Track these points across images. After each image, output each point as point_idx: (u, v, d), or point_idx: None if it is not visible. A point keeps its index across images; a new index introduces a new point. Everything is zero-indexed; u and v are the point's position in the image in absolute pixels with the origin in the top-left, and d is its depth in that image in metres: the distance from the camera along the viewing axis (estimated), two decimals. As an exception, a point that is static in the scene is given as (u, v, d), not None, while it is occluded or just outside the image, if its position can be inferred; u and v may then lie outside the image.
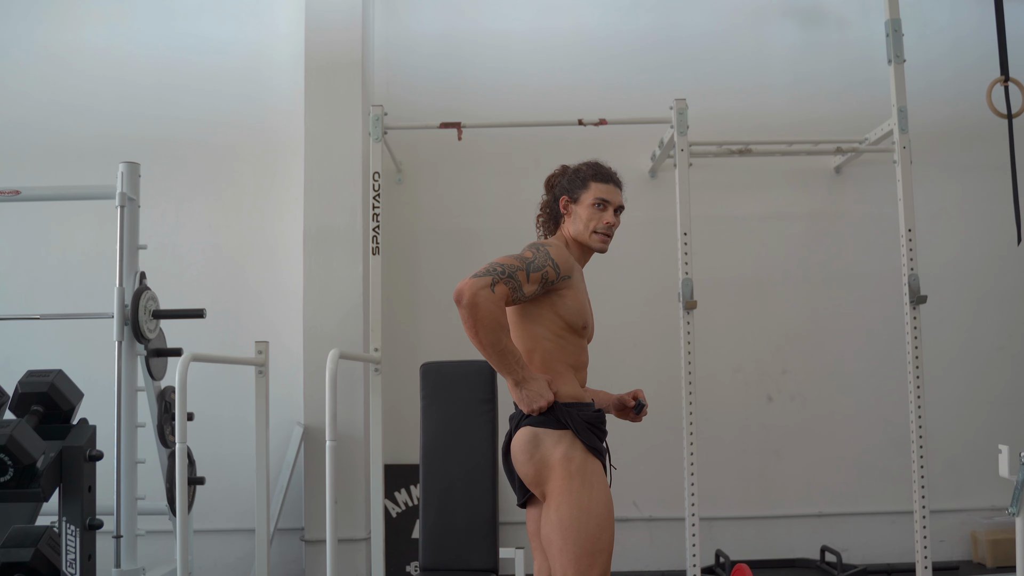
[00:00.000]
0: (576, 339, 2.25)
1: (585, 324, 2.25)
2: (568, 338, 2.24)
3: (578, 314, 2.23)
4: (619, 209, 2.34)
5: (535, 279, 2.15)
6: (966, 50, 4.64)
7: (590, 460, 2.15)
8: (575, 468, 2.13)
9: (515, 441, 2.21)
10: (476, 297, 2.05)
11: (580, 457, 2.14)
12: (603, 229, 2.30)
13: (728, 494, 4.44)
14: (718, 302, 4.37)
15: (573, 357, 2.25)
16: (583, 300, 2.26)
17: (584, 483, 2.12)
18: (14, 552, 2.75)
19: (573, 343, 2.25)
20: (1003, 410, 4.51)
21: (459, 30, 4.68)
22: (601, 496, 2.13)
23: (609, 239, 2.32)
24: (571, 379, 2.23)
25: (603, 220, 2.29)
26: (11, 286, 4.46)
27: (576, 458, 2.14)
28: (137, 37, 4.62)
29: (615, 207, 2.33)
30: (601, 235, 2.30)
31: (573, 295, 2.23)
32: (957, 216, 4.61)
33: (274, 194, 4.56)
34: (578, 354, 2.26)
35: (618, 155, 4.54)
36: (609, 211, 2.31)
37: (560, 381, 2.21)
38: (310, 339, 4.21)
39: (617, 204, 2.33)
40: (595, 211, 2.30)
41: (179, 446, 2.92)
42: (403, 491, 4.34)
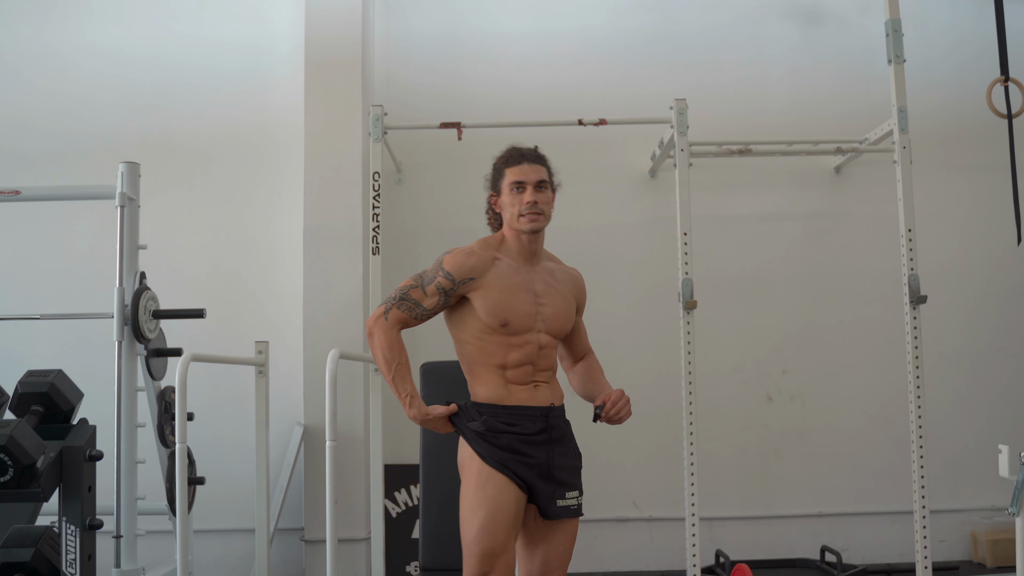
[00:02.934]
0: (499, 338, 2.25)
1: (505, 321, 2.24)
2: (489, 338, 2.26)
3: (492, 313, 2.24)
4: (541, 184, 2.31)
5: (431, 292, 2.27)
6: (966, 50, 4.64)
7: (482, 466, 2.22)
8: (466, 472, 2.25)
9: None
10: (371, 327, 2.27)
11: (471, 463, 2.24)
12: (526, 210, 2.28)
13: (728, 494, 4.44)
14: (718, 302, 4.37)
15: (498, 357, 2.26)
16: (500, 297, 2.25)
17: (469, 489, 2.22)
18: (14, 552, 2.75)
19: (496, 342, 2.26)
20: (1003, 410, 4.51)
21: (459, 30, 4.68)
22: (485, 502, 2.19)
23: (539, 216, 2.29)
24: (490, 380, 2.27)
25: (523, 201, 2.28)
26: (11, 286, 4.46)
27: (466, 463, 2.26)
28: (137, 37, 4.62)
29: (534, 184, 2.30)
30: (527, 216, 2.28)
31: (484, 294, 2.25)
32: (957, 216, 4.61)
33: (274, 194, 4.56)
34: (504, 353, 2.26)
35: (618, 155, 4.60)
36: (528, 190, 2.29)
37: (477, 383, 2.29)
38: (310, 339, 4.21)
39: (535, 181, 2.30)
40: (515, 196, 2.30)
41: (179, 446, 2.92)
42: (403, 491, 4.34)
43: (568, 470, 2.32)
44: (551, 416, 2.30)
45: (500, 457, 2.22)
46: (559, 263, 2.47)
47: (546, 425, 2.28)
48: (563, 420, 2.37)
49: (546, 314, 2.30)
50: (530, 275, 2.32)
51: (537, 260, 2.36)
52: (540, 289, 2.31)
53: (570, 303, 2.38)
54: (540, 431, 2.27)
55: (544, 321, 2.30)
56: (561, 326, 2.33)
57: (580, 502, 2.34)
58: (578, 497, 2.33)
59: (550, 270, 2.39)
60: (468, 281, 2.26)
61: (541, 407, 2.29)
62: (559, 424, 2.34)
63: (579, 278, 2.48)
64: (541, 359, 2.30)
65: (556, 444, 2.30)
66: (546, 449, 2.28)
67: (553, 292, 2.34)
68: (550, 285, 2.34)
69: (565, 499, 2.29)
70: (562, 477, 2.29)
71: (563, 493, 2.28)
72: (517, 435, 2.25)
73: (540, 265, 2.37)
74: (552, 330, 2.31)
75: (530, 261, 2.34)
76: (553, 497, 2.27)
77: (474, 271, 2.27)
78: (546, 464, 2.26)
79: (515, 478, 2.21)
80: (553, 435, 2.30)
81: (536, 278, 2.33)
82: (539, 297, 2.30)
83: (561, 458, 2.30)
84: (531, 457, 2.25)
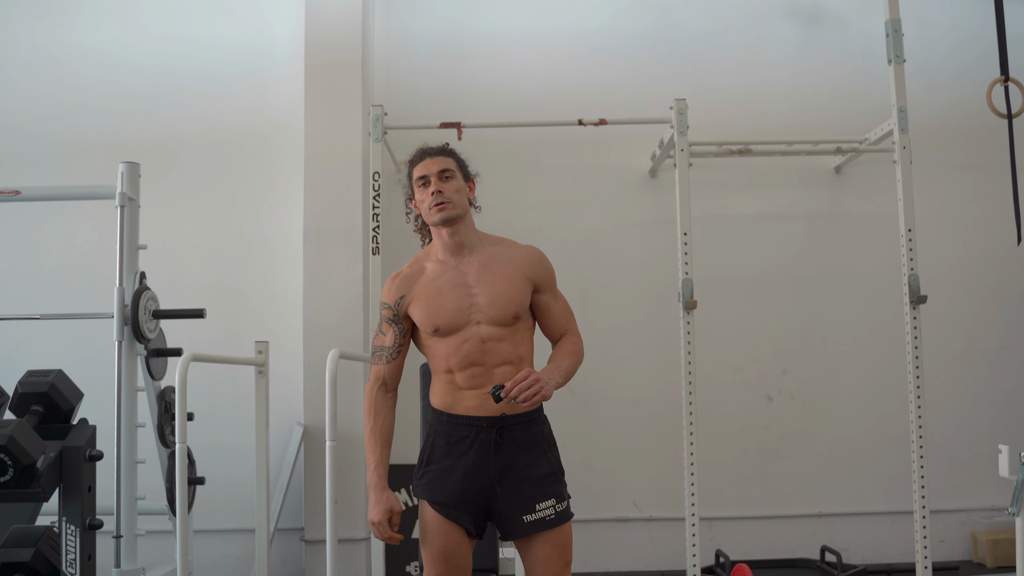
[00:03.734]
0: (439, 341, 2.23)
1: (435, 326, 2.21)
2: (432, 344, 2.26)
3: (424, 320, 2.24)
4: (444, 173, 2.27)
5: (385, 329, 2.31)
6: (966, 50, 4.64)
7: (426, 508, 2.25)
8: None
9: None
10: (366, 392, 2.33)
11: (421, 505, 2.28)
12: (432, 201, 2.24)
13: (728, 494, 4.44)
14: (718, 302, 4.37)
15: (443, 360, 2.23)
16: (428, 302, 2.24)
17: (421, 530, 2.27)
18: (14, 552, 2.75)
19: (438, 346, 2.24)
20: (1003, 410, 4.51)
21: (459, 30, 4.68)
22: (431, 532, 2.22)
23: (446, 203, 2.23)
24: (439, 386, 2.27)
25: (428, 193, 2.26)
26: (11, 286, 4.46)
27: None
28: (137, 37, 4.62)
29: (436, 174, 2.26)
30: (435, 208, 2.23)
31: (416, 306, 2.25)
32: (957, 216, 4.61)
33: (274, 194, 4.56)
34: (447, 356, 2.22)
35: (618, 155, 4.60)
36: (432, 181, 2.26)
37: (432, 389, 2.31)
38: (310, 339, 4.21)
39: (436, 171, 2.27)
40: (423, 191, 2.28)
41: (179, 446, 2.92)
42: (403, 491, 4.33)
43: (535, 481, 2.21)
44: (503, 427, 2.20)
45: (441, 499, 2.22)
46: (508, 244, 2.35)
47: (492, 439, 2.19)
48: (526, 428, 2.23)
49: (481, 303, 2.21)
50: (459, 269, 2.26)
51: (467, 251, 2.28)
52: (473, 280, 2.24)
53: (516, 284, 2.26)
54: (484, 443, 2.19)
55: (480, 311, 2.21)
56: (501, 311, 2.21)
57: (558, 509, 2.22)
58: (554, 505, 2.21)
59: (489, 256, 2.29)
60: (400, 300, 2.27)
61: (490, 417, 2.19)
62: (516, 434, 2.22)
63: (534, 255, 2.34)
64: (489, 355, 2.20)
65: (513, 455, 2.21)
66: (495, 464, 2.19)
67: (489, 277, 2.24)
68: (485, 271, 2.25)
69: (536, 512, 2.19)
70: (525, 490, 2.20)
71: (532, 506, 2.19)
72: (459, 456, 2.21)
73: (475, 255, 2.29)
74: (492, 319, 2.21)
75: (459, 255, 2.28)
76: (517, 513, 2.19)
77: (401, 288, 2.28)
78: (497, 482, 2.19)
79: (464, 523, 2.20)
80: (506, 447, 2.20)
81: (468, 270, 2.26)
82: (471, 288, 2.23)
83: (526, 469, 2.21)
84: (479, 477, 2.19)
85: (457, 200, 2.25)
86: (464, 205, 2.28)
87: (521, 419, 2.22)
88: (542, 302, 2.33)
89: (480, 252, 2.29)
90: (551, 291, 2.35)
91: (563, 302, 2.38)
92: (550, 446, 2.28)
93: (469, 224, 2.30)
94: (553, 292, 2.35)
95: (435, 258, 2.31)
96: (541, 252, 2.36)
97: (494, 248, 2.32)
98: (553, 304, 2.35)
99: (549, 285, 2.34)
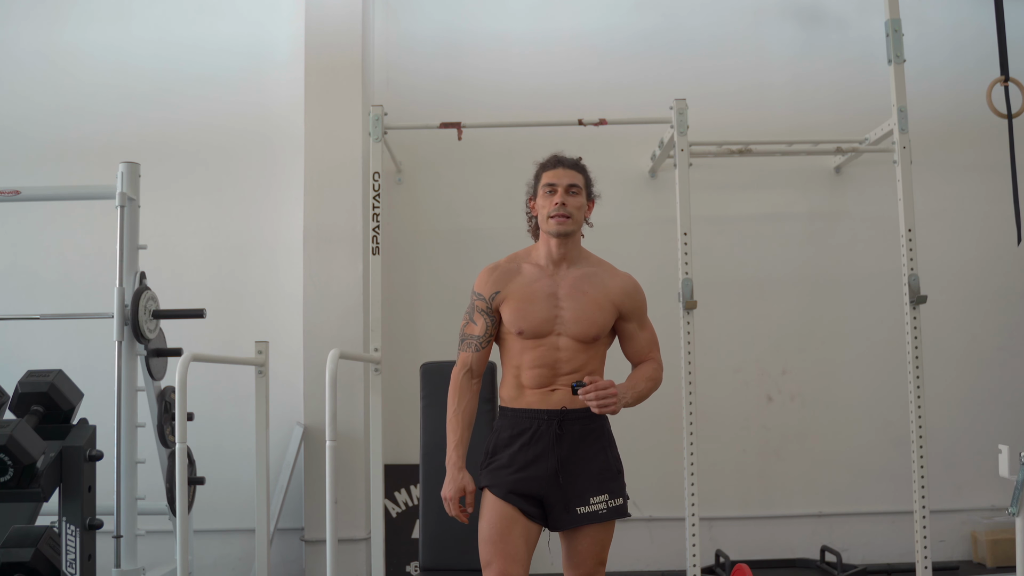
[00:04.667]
0: (518, 341, 2.34)
1: (520, 329, 2.32)
2: (511, 343, 2.36)
3: (511, 322, 2.34)
4: (572, 188, 2.36)
5: (476, 318, 2.39)
6: (966, 50, 4.64)
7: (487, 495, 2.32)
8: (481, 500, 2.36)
9: None
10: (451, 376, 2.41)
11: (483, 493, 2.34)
12: (554, 211, 2.33)
13: (728, 494, 4.44)
14: (718, 302, 4.37)
15: (515, 359, 2.35)
16: (519, 305, 2.34)
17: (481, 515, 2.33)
18: (14, 552, 2.75)
19: (514, 345, 2.35)
20: (1003, 410, 4.51)
21: (459, 30, 4.68)
22: (485, 515, 2.30)
23: (566, 219, 2.33)
24: (507, 381, 2.37)
25: (552, 203, 2.34)
26: (11, 286, 4.46)
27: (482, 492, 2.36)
28: (137, 37, 4.62)
29: (564, 187, 2.35)
30: (555, 218, 2.33)
31: (508, 304, 2.35)
32: (957, 216, 4.61)
33: (274, 194, 4.56)
34: (519, 355, 2.34)
35: (618, 155, 4.59)
36: (559, 192, 2.35)
37: (501, 385, 2.41)
38: (310, 339, 4.21)
39: (566, 184, 2.36)
40: (547, 198, 2.36)
41: (179, 446, 2.92)
42: (403, 491, 4.34)
43: (592, 474, 2.31)
44: (564, 420, 2.30)
45: (501, 482, 2.29)
46: (607, 268, 2.45)
47: (552, 430, 2.29)
48: (585, 423, 2.33)
49: (566, 318, 2.32)
50: (554, 279, 2.36)
51: (567, 265, 2.38)
52: (563, 293, 2.34)
53: (603, 308, 2.36)
54: (544, 435, 2.29)
55: (563, 325, 2.32)
56: (583, 330, 2.32)
57: (611, 505, 2.32)
58: (607, 501, 2.31)
59: (584, 275, 2.39)
60: (496, 295, 2.36)
61: (551, 410, 2.30)
62: (575, 428, 2.31)
63: (628, 284, 2.42)
64: (562, 363, 2.32)
65: (572, 448, 2.30)
66: (555, 455, 2.29)
67: (579, 296, 2.34)
68: (577, 289, 2.35)
69: (590, 504, 2.29)
70: (581, 482, 2.29)
71: (587, 498, 2.29)
72: (520, 447, 2.30)
73: (571, 269, 2.39)
74: (574, 334, 2.32)
75: (557, 266, 2.38)
76: (571, 504, 2.29)
77: (498, 284, 2.37)
78: (555, 471, 2.28)
79: (520, 505, 2.27)
80: (565, 439, 2.30)
81: (562, 283, 2.36)
82: (560, 301, 2.33)
83: (582, 464, 2.30)
84: (537, 467, 2.29)
85: (576, 216, 2.36)
86: (580, 222, 2.38)
87: (581, 414, 2.31)
88: (627, 330, 2.43)
89: (578, 269, 2.39)
90: (638, 320, 2.43)
91: (650, 332, 2.47)
92: (609, 443, 2.37)
93: (577, 240, 2.40)
94: (640, 321, 2.44)
95: (534, 261, 2.41)
96: (636, 283, 2.45)
97: (592, 269, 2.41)
98: (638, 333, 2.44)
99: (637, 315, 2.43)
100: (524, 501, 2.28)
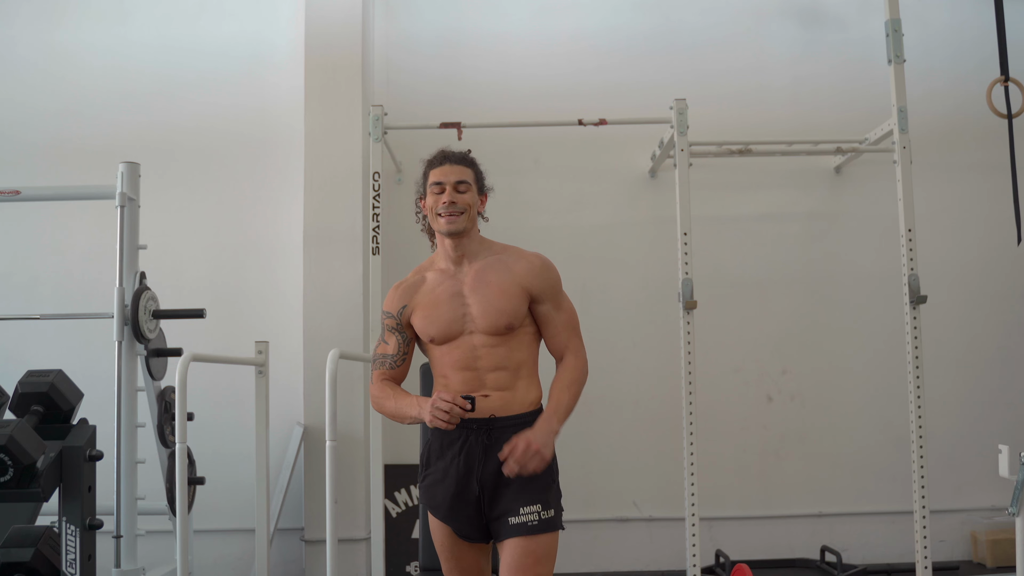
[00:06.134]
0: (436, 348, 2.27)
1: (431, 336, 2.25)
2: (431, 351, 2.30)
3: (422, 329, 2.27)
4: (460, 184, 2.26)
5: (387, 337, 2.33)
6: (966, 50, 4.64)
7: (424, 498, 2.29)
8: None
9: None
10: (370, 391, 2.35)
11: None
12: (442, 210, 2.24)
13: (728, 494, 4.44)
14: (718, 302, 4.36)
15: (439, 367, 2.27)
16: (426, 312, 2.26)
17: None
18: (14, 552, 2.76)
19: (434, 351, 2.28)
20: (1003, 410, 4.51)
21: (459, 30, 4.68)
22: (434, 536, 2.30)
23: (456, 216, 2.23)
24: (437, 389, 2.25)
25: (440, 201, 2.25)
26: (11, 286, 4.46)
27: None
28: (137, 37, 4.62)
29: (452, 184, 2.25)
30: (444, 217, 2.23)
31: (417, 316, 2.28)
32: (957, 216, 4.61)
33: (274, 194, 4.56)
34: (441, 361, 2.26)
35: (618, 155, 4.60)
36: (447, 190, 2.25)
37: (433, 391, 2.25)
38: (310, 339, 4.21)
39: (454, 181, 2.26)
40: (435, 197, 2.27)
41: (179, 446, 2.92)
42: (403, 491, 4.33)
43: (522, 483, 2.14)
44: (492, 429, 2.18)
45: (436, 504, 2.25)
46: (513, 252, 2.33)
47: (481, 441, 2.18)
48: (517, 430, 2.17)
49: (473, 313, 2.22)
50: (456, 279, 2.28)
51: (468, 261, 2.29)
52: (468, 290, 2.25)
53: (510, 294, 2.23)
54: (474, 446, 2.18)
55: (472, 321, 2.23)
56: (493, 322, 2.20)
57: (543, 516, 2.15)
58: (540, 512, 2.14)
59: (487, 265, 2.28)
60: (403, 310, 2.30)
61: (479, 420, 2.18)
62: (507, 437, 2.15)
63: (535, 264, 2.29)
64: (482, 360, 2.21)
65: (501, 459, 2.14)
66: (486, 467, 2.17)
67: (483, 288, 2.24)
68: (481, 281, 2.25)
69: (519, 515, 2.14)
70: (512, 492, 2.15)
71: (517, 509, 2.14)
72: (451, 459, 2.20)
73: (474, 263, 2.29)
74: (484, 329, 2.21)
75: (458, 264, 2.29)
76: (503, 515, 2.17)
77: (403, 298, 2.31)
78: (484, 485, 2.18)
79: (459, 527, 2.22)
80: (495, 450, 2.16)
81: (465, 280, 2.27)
82: (466, 299, 2.24)
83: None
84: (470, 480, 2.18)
85: (470, 213, 2.27)
86: (472, 218, 2.28)
87: (512, 422, 2.20)
88: (541, 312, 2.29)
89: (479, 261, 2.29)
90: (552, 301, 2.30)
91: (567, 314, 2.32)
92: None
93: (473, 235, 2.30)
94: (555, 302, 2.30)
95: (436, 267, 2.33)
96: (545, 261, 2.32)
97: (495, 256, 2.30)
98: (554, 315, 2.30)
99: (549, 295, 2.29)
100: (462, 523, 2.21)
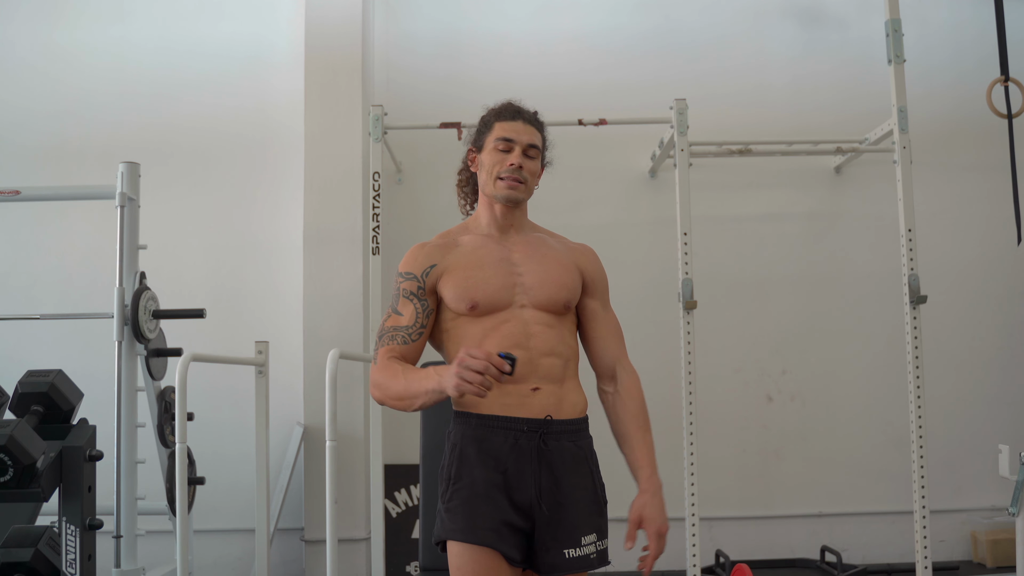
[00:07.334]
0: (471, 323, 1.84)
1: (473, 304, 1.82)
2: (460, 327, 1.86)
3: (458, 297, 1.84)
4: (531, 148, 1.93)
5: (401, 306, 1.88)
6: (966, 50, 4.64)
7: (454, 545, 1.81)
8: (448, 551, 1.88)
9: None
10: (370, 377, 1.88)
11: (448, 544, 1.86)
12: (507, 173, 1.90)
13: (728, 494, 4.44)
14: (718, 302, 4.37)
15: (475, 345, 1.81)
16: (465, 274, 1.86)
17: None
18: (14, 552, 2.75)
19: (468, 328, 1.84)
20: (1003, 410, 4.51)
21: (459, 30, 4.68)
22: (452, 552, 1.82)
23: (520, 184, 1.90)
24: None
25: (506, 163, 1.91)
26: (11, 286, 4.46)
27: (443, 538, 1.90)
28: (137, 37, 4.62)
29: (524, 145, 1.92)
30: (507, 180, 1.90)
31: (449, 278, 1.88)
32: (957, 216, 4.61)
33: (274, 194, 4.55)
34: (482, 339, 1.82)
35: (618, 155, 4.60)
36: (516, 151, 1.91)
37: None
38: (310, 339, 4.21)
39: (526, 143, 1.92)
40: (498, 154, 1.92)
41: (179, 446, 2.92)
42: (403, 491, 4.33)
43: (581, 507, 1.82)
44: (547, 433, 1.79)
45: (474, 524, 1.75)
46: (562, 238, 2.05)
47: (535, 446, 1.78)
48: (574, 438, 1.85)
49: (527, 283, 1.87)
50: (504, 244, 1.94)
51: (515, 231, 1.97)
52: (518, 258, 1.91)
53: (569, 270, 1.93)
54: (525, 452, 1.78)
55: (525, 292, 1.86)
56: (552, 296, 1.86)
57: (598, 548, 1.84)
58: (596, 543, 1.83)
59: (539, 239, 1.98)
60: (431, 269, 1.89)
61: (532, 419, 1.78)
62: (563, 444, 1.81)
63: (590, 252, 2.03)
64: (535, 340, 1.82)
65: (561, 471, 1.80)
66: (537, 479, 1.78)
67: (538, 258, 1.92)
68: (534, 251, 1.93)
69: (580, 546, 1.79)
70: (570, 517, 1.79)
71: (577, 538, 1.79)
72: (495, 467, 1.77)
73: (522, 235, 1.98)
74: (541, 303, 1.86)
75: (504, 232, 1.96)
76: (559, 545, 1.78)
77: (431, 257, 1.91)
78: (541, 501, 1.77)
79: (504, 548, 1.74)
80: (550, 459, 1.79)
81: (514, 248, 1.93)
82: (516, 267, 1.89)
83: (572, 491, 1.80)
84: (521, 492, 1.77)
85: (530, 185, 1.95)
86: (531, 191, 1.97)
87: (570, 426, 1.85)
88: (589, 308, 1.98)
89: (527, 234, 1.99)
90: (602, 298, 2.02)
91: (615, 319, 2.03)
92: (595, 465, 1.93)
93: (525, 210, 2.01)
94: (604, 300, 2.03)
95: (474, 232, 1.98)
96: (597, 255, 2.06)
97: (544, 235, 2.02)
98: (602, 315, 2.00)
99: (601, 289, 2.02)
100: (510, 546, 1.75)
